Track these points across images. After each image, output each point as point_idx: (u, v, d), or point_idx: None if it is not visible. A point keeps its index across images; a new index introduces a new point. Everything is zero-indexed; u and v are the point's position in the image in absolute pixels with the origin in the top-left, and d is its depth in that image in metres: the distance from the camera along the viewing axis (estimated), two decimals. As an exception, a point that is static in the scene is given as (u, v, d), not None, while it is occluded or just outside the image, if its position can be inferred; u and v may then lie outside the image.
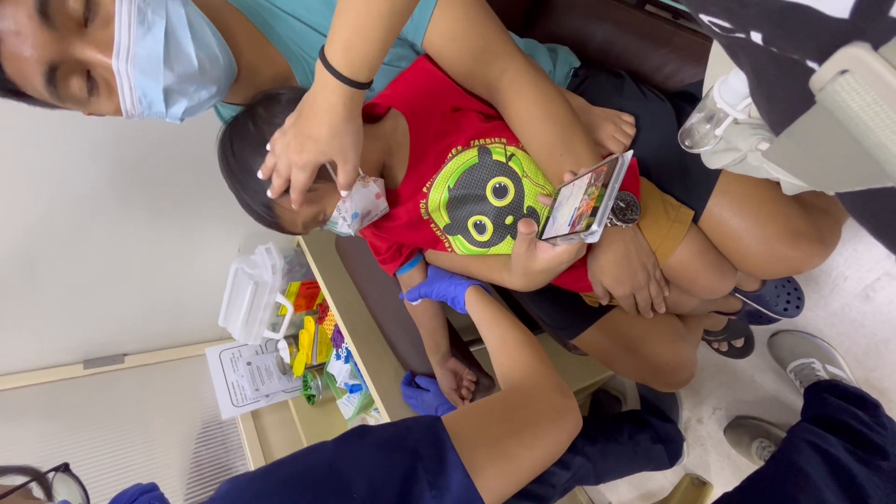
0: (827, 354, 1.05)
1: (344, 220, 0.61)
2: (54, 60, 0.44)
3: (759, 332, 1.16)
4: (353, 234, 0.64)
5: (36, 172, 0.91)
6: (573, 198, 0.51)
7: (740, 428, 1.18)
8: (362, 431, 0.41)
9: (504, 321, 0.60)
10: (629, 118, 0.68)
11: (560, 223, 0.52)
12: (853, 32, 0.18)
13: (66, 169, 0.93)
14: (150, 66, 0.48)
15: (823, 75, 0.20)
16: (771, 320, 0.94)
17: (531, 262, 0.54)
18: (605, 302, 0.70)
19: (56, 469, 0.42)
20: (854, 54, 0.18)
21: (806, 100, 0.22)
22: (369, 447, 0.38)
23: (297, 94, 0.59)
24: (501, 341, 0.57)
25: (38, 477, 0.40)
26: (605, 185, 0.44)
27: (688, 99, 0.72)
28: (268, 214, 0.60)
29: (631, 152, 0.45)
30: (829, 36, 0.19)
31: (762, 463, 1.11)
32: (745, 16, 0.22)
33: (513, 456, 0.40)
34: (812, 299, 1.02)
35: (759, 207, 0.59)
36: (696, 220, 0.64)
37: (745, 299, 0.89)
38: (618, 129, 0.66)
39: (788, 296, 0.89)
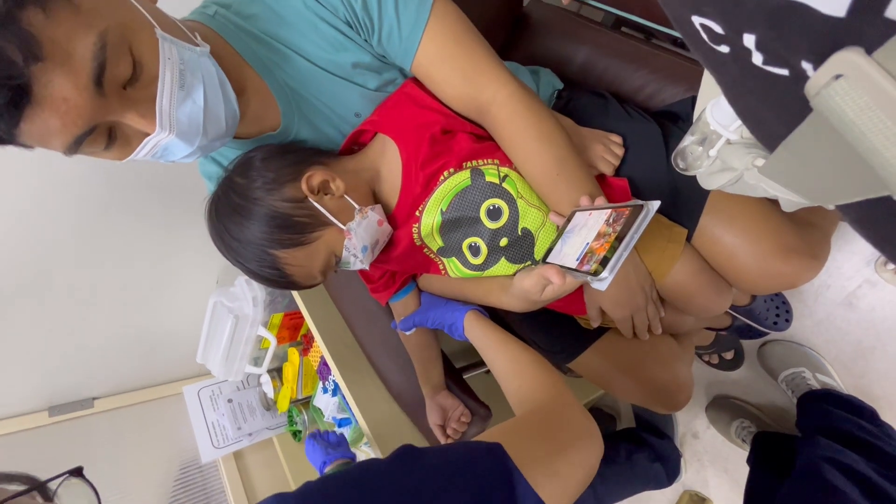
0: (816, 363, 1.06)
1: (355, 257, 0.61)
2: (92, 125, 0.42)
3: (749, 343, 1.17)
4: (367, 267, 0.63)
5: (4, 205, 0.86)
6: (586, 229, 0.50)
7: (722, 407, 1.19)
8: (413, 454, 0.39)
9: (512, 343, 0.59)
10: (617, 138, 0.68)
11: (568, 253, 0.51)
12: (848, 32, 0.18)
13: (26, 201, 0.88)
14: (190, 132, 0.47)
15: (818, 80, 0.19)
16: (761, 334, 0.95)
17: (536, 295, 0.54)
18: (595, 324, 0.69)
19: (67, 474, 0.39)
20: (847, 58, 0.18)
21: (797, 112, 0.22)
22: (435, 477, 0.36)
23: (268, 151, 0.60)
24: (515, 363, 0.56)
25: (39, 486, 0.37)
26: (622, 234, 0.44)
27: (671, 118, 0.73)
28: (280, 276, 0.59)
29: (658, 203, 0.45)
30: (824, 36, 0.19)
31: (740, 442, 1.13)
32: (739, 15, 0.22)
33: (564, 475, 0.40)
34: (797, 309, 1.03)
35: (751, 224, 0.60)
36: (688, 238, 0.64)
37: (735, 314, 0.89)
38: (607, 149, 0.66)
39: (777, 309, 0.90)
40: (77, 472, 0.40)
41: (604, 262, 0.44)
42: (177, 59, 0.45)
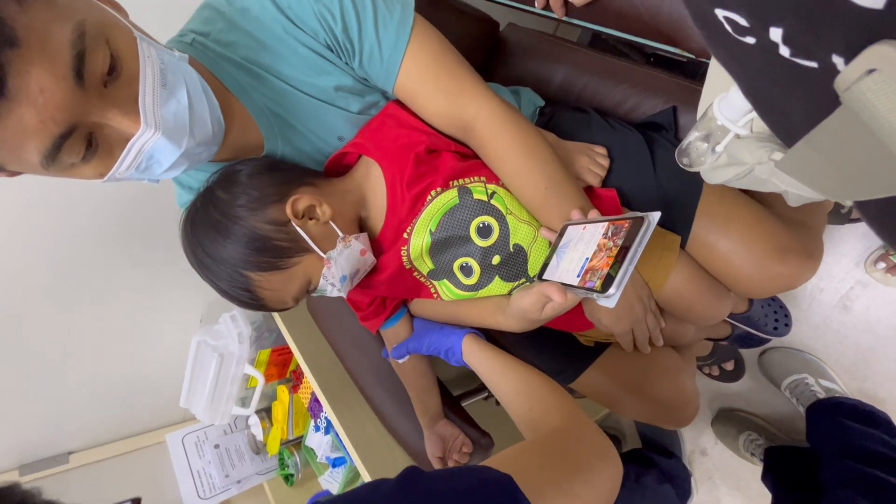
0: (818, 368, 1.04)
1: (333, 286, 0.58)
2: (72, 124, 0.38)
3: (748, 352, 1.15)
4: (343, 296, 0.61)
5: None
6: (583, 244, 0.49)
7: (727, 420, 1.16)
8: (419, 478, 0.36)
9: (516, 365, 0.56)
10: (602, 149, 0.68)
11: (566, 269, 0.49)
12: (886, 24, 0.17)
13: (0, 251, 0.84)
14: (177, 132, 0.44)
15: (850, 74, 0.18)
16: (761, 341, 0.94)
17: (535, 314, 0.52)
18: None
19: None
20: (883, 52, 0.17)
21: (823, 106, 0.21)
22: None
23: (255, 167, 0.57)
24: (522, 386, 0.53)
25: None
26: (624, 248, 0.43)
27: (654, 128, 0.73)
28: (251, 298, 0.56)
29: (658, 214, 0.44)
30: (859, 28, 0.18)
31: (750, 456, 1.10)
32: (766, 8, 0.21)
33: (583, 499, 0.38)
34: (793, 315, 1.03)
35: (744, 228, 0.59)
36: (682, 245, 0.63)
37: (734, 323, 0.88)
38: (592, 161, 0.66)
39: (776, 314, 0.89)
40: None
41: (608, 278, 0.43)
42: (156, 58, 0.44)
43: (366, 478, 0.87)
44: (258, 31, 0.55)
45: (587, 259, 0.47)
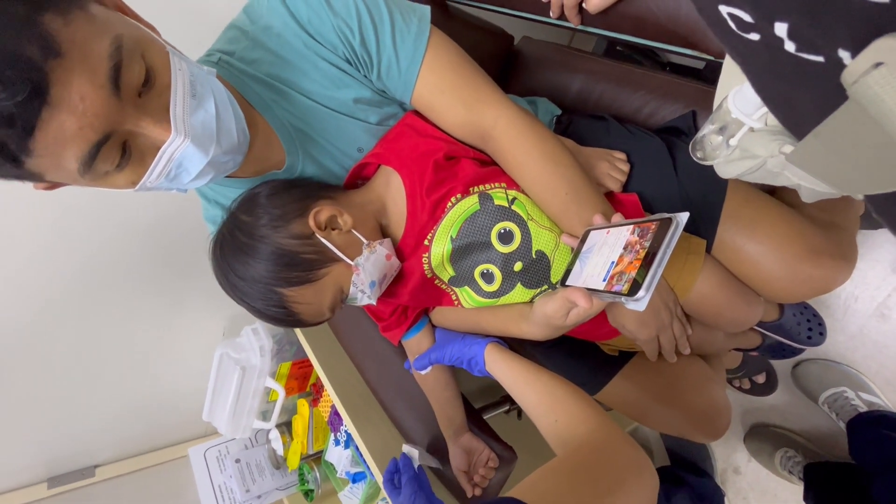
0: (857, 381, 0.99)
1: (363, 292, 0.59)
2: (108, 131, 0.41)
3: (780, 364, 1.11)
4: (374, 302, 0.62)
5: None
6: (607, 248, 0.48)
7: (762, 436, 1.11)
8: None
9: (542, 374, 0.55)
10: (621, 155, 0.67)
11: (591, 274, 0.49)
12: (892, 18, 0.17)
13: (21, 262, 0.87)
14: (204, 140, 0.47)
15: (857, 68, 0.19)
16: (795, 352, 0.90)
17: (560, 320, 0.52)
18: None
19: None
20: (889, 46, 0.17)
21: (830, 99, 0.21)
22: None
23: (273, 188, 0.59)
24: (548, 396, 0.52)
25: None
26: (652, 250, 0.43)
27: (674, 133, 0.72)
28: (287, 315, 0.57)
29: (687, 214, 0.43)
30: (865, 22, 0.18)
31: (787, 474, 1.04)
32: (771, 3, 0.21)
33: None
34: (827, 324, 0.98)
35: (773, 229, 0.57)
36: (708, 249, 0.62)
37: (765, 332, 0.85)
38: (612, 166, 0.65)
39: (809, 322, 0.85)
40: None
41: (635, 283, 0.42)
42: (186, 71, 0.46)
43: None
44: (280, 47, 0.57)
45: (612, 263, 0.47)
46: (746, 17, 0.23)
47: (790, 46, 0.22)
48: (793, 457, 1.04)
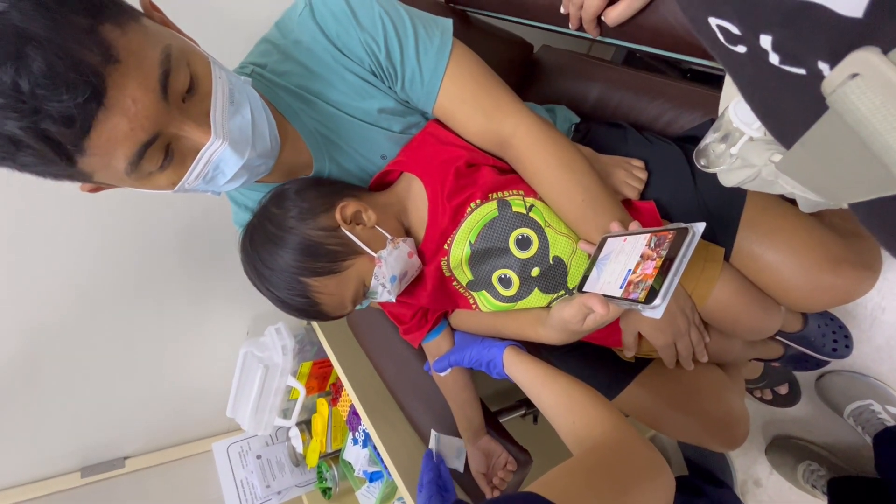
0: (884, 394, 0.97)
1: (383, 286, 0.61)
2: (155, 133, 0.44)
3: (805, 376, 1.08)
4: (393, 299, 0.63)
5: (37, 267, 0.90)
6: (624, 255, 0.50)
7: (784, 449, 1.09)
8: None
9: (559, 376, 0.56)
10: (639, 163, 0.68)
11: (608, 281, 0.50)
12: (866, 32, 0.18)
13: (56, 261, 0.92)
14: (241, 142, 0.50)
15: (834, 79, 0.20)
16: (819, 363, 0.88)
17: (577, 325, 0.53)
18: (630, 353, 0.66)
19: None
20: (864, 58, 0.18)
21: (813, 110, 0.22)
22: None
23: (302, 184, 0.62)
24: (565, 398, 0.53)
25: None
26: (669, 258, 0.44)
27: (692, 141, 0.72)
28: (309, 305, 0.60)
29: (703, 224, 0.45)
30: (841, 36, 0.19)
31: (811, 488, 1.02)
32: (756, 16, 0.22)
33: None
34: (853, 335, 0.96)
35: (793, 238, 0.57)
36: (726, 257, 0.62)
37: (788, 342, 0.84)
38: (629, 174, 0.66)
39: (834, 334, 0.83)
40: None
41: (651, 290, 0.43)
42: (226, 79, 0.50)
43: (403, 493, 0.87)
44: (309, 60, 0.60)
45: (629, 270, 0.48)
46: (734, 30, 0.24)
47: (774, 59, 0.23)
48: (816, 470, 1.02)
